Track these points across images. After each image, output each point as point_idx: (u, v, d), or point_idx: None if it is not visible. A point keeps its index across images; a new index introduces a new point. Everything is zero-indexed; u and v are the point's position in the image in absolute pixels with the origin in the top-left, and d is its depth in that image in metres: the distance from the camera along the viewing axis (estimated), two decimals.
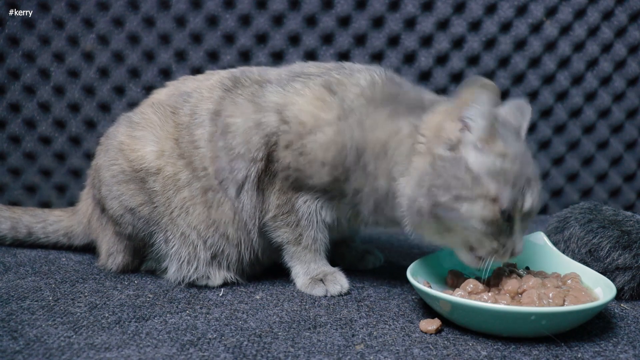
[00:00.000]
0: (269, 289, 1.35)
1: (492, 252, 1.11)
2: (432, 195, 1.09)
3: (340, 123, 1.24)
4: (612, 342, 1.06)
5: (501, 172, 1.07)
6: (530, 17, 2.11)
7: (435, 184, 1.10)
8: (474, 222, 1.08)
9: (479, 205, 1.07)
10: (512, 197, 1.07)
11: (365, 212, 1.29)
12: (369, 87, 1.27)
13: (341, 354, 0.99)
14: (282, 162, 1.28)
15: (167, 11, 2.08)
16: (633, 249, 1.26)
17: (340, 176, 1.26)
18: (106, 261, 1.47)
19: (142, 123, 1.38)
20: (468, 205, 1.07)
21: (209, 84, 1.39)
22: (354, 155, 1.24)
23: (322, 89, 1.28)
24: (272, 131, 1.27)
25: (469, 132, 1.10)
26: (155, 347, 1.01)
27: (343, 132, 1.24)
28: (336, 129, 1.24)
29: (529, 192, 1.10)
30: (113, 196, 1.37)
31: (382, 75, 1.31)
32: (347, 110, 1.25)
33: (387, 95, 1.27)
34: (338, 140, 1.24)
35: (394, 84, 1.30)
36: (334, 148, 1.24)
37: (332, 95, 1.27)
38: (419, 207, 1.12)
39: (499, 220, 1.08)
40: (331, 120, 1.25)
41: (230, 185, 1.31)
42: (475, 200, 1.07)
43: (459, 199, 1.07)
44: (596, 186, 2.21)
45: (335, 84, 1.28)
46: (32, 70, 2.11)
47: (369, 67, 1.34)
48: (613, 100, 2.16)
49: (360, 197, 1.27)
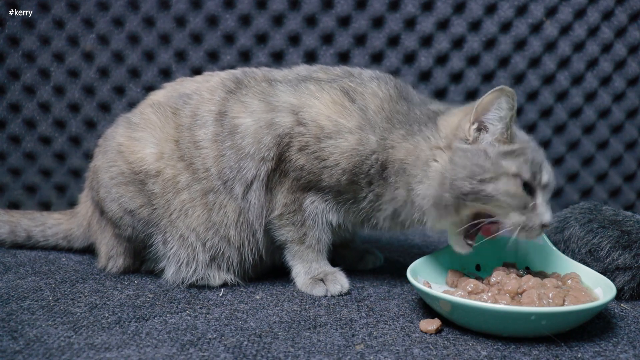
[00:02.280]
0: (269, 289, 1.35)
1: (520, 224, 1.16)
2: (456, 188, 1.17)
3: (363, 134, 1.25)
4: (612, 342, 1.06)
5: (518, 155, 1.17)
6: (530, 17, 2.11)
7: (457, 177, 1.17)
8: (500, 196, 1.15)
9: (503, 182, 1.15)
10: (531, 170, 1.16)
11: (380, 217, 1.32)
12: (387, 100, 1.29)
13: (341, 354, 0.99)
14: (294, 163, 1.28)
15: (167, 11, 2.08)
16: (633, 249, 1.26)
17: (360, 181, 1.28)
18: (106, 264, 1.46)
19: (142, 124, 1.37)
20: (493, 184, 1.15)
21: (209, 86, 1.38)
22: (378, 167, 1.27)
23: (340, 94, 1.28)
24: (286, 132, 1.27)
25: (487, 133, 1.18)
26: (155, 347, 1.01)
27: (366, 143, 1.25)
28: (358, 138, 1.25)
29: (545, 168, 1.20)
30: (112, 198, 1.37)
31: (392, 86, 1.33)
32: (371, 123, 1.26)
33: (400, 113, 1.29)
34: (361, 150, 1.25)
35: (403, 99, 1.32)
36: (357, 159, 1.26)
37: (352, 103, 1.28)
38: (446, 202, 1.19)
39: (522, 193, 1.15)
40: (352, 128, 1.26)
41: (237, 185, 1.31)
42: (499, 178, 1.15)
43: (483, 182, 1.15)
44: (596, 186, 2.20)
45: (352, 91, 1.29)
46: (32, 70, 2.11)
47: (378, 75, 1.36)
48: (613, 100, 2.16)
49: (380, 203, 1.29)
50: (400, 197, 1.27)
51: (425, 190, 1.22)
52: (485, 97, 1.16)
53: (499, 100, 1.16)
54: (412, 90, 1.38)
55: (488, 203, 1.16)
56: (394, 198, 1.28)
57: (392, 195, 1.27)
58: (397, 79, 1.38)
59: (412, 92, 1.37)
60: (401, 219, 1.31)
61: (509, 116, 1.17)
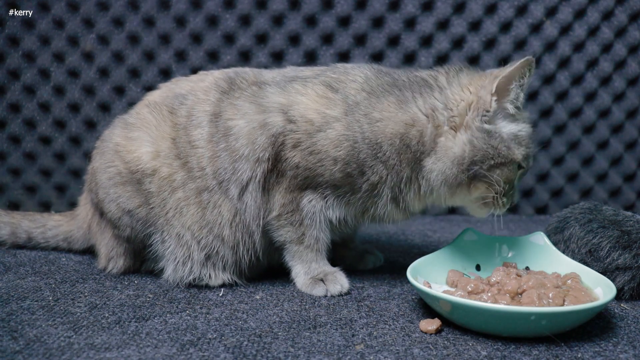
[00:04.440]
0: (269, 289, 1.35)
1: (502, 205, 1.28)
2: (471, 169, 1.23)
3: (348, 118, 1.26)
4: (612, 342, 1.06)
5: (524, 138, 1.26)
6: (530, 17, 2.11)
7: (475, 159, 1.23)
8: (502, 182, 1.25)
9: (508, 169, 1.24)
10: (527, 156, 1.27)
11: (380, 204, 1.31)
12: (366, 81, 1.31)
13: (341, 354, 0.99)
14: (290, 162, 1.28)
15: (167, 11, 2.08)
16: (633, 249, 1.26)
17: (353, 172, 1.27)
18: (106, 265, 1.46)
19: (138, 124, 1.38)
20: (500, 170, 1.24)
21: (203, 86, 1.39)
22: (368, 150, 1.26)
23: (324, 87, 1.30)
24: (279, 131, 1.27)
25: (508, 102, 1.24)
26: (155, 347, 1.01)
27: (352, 126, 1.26)
28: (345, 124, 1.26)
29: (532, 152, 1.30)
30: (110, 199, 1.37)
31: (371, 69, 1.36)
32: (352, 105, 1.27)
33: (383, 84, 1.30)
34: (349, 134, 1.26)
35: (384, 73, 1.34)
36: (345, 144, 1.26)
37: (335, 92, 1.29)
38: (460, 180, 1.25)
39: (514, 179, 1.27)
40: (338, 116, 1.27)
41: (232, 187, 1.31)
42: (507, 164, 1.24)
43: (494, 166, 1.23)
44: (596, 186, 2.21)
45: (334, 81, 1.31)
46: (32, 70, 2.11)
47: (360, 65, 1.38)
48: (613, 100, 2.16)
49: (380, 189, 1.29)
50: (406, 176, 1.28)
51: (435, 164, 1.25)
52: (512, 68, 1.21)
53: (523, 71, 1.22)
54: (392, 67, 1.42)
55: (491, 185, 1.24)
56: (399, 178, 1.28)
57: (398, 176, 1.28)
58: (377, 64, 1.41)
59: (391, 68, 1.40)
60: (404, 204, 1.31)
61: (526, 84, 1.24)
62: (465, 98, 1.25)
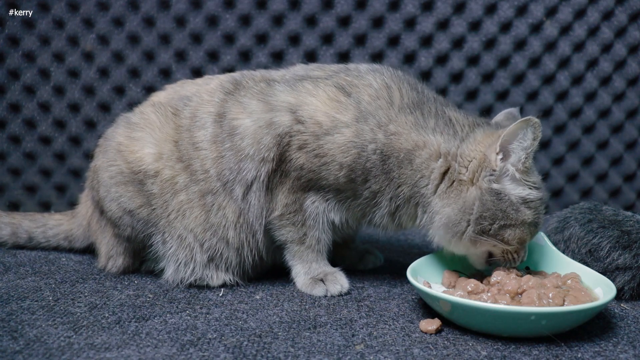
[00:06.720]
0: (269, 289, 1.35)
1: (513, 260, 1.24)
2: (480, 224, 1.20)
3: (359, 125, 1.25)
4: (612, 342, 1.06)
5: (534, 200, 1.21)
6: (530, 17, 2.11)
7: (483, 215, 1.19)
8: (514, 242, 1.21)
9: (520, 230, 1.20)
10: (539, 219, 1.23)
11: (377, 214, 1.30)
12: (384, 89, 1.28)
13: (341, 354, 0.99)
14: (295, 163, 1.28)
15: (167, 11, 2.08)
16: (633, 249, 1.26)
17: (357, 178, 1.27)
18: (106, 263, 1.46)
19: (141, 124, 1.37)
20: (511, 230, 1.20)
21: (208, 88, 1.38)
22: (376, 159, 1.25)
23: (336, 90, 1.28)
24: (285, 131, 1.27)
25: (510, 164, 1.19)
26: (155, 347, 1.01)
27: (362, 134, 1.24)
28: (354, 130, 1.24)
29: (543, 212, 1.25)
30: (112, 198, 1.37)
31: (393, 76, 1.32)
32: (364, 113, 1.25)
33: (408, 101, 1.28)
34: (357, 142, 1.24)
35: (413, 89, 1.31)
36: (353, 151, 1.24)
37: (347, 97, 1.27)
38: (462, 230, 1.21)
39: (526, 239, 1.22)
40: (348, 121, 1.25)
41: (237, 187, 1.31)
42: (517, 226, 1.20)
43: (504, 227, 1.20)
44: (596, 186, 2.20)
45: (348, 85, 1.29)
46: (32, 70, 2.11)
47: (374, 68, 1.35)
48: (613, 100, 2.16)
49: (378, 200, 1.28)
50: (403, 195, 1.26)
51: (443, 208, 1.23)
52: (512, 126, 1.16)
53: (524, 131, 1.16)
54: (425, 86, 1.37)
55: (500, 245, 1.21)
56: (396, 195, 1.27)
57: (395, 192, 1.26)
58: (397, 70, 1.36)
59: (423, 86, 1.36)
60: (399, 220, 1.30)
61: (530, 147, 1.17)
62: (477, 156, 1.22)
